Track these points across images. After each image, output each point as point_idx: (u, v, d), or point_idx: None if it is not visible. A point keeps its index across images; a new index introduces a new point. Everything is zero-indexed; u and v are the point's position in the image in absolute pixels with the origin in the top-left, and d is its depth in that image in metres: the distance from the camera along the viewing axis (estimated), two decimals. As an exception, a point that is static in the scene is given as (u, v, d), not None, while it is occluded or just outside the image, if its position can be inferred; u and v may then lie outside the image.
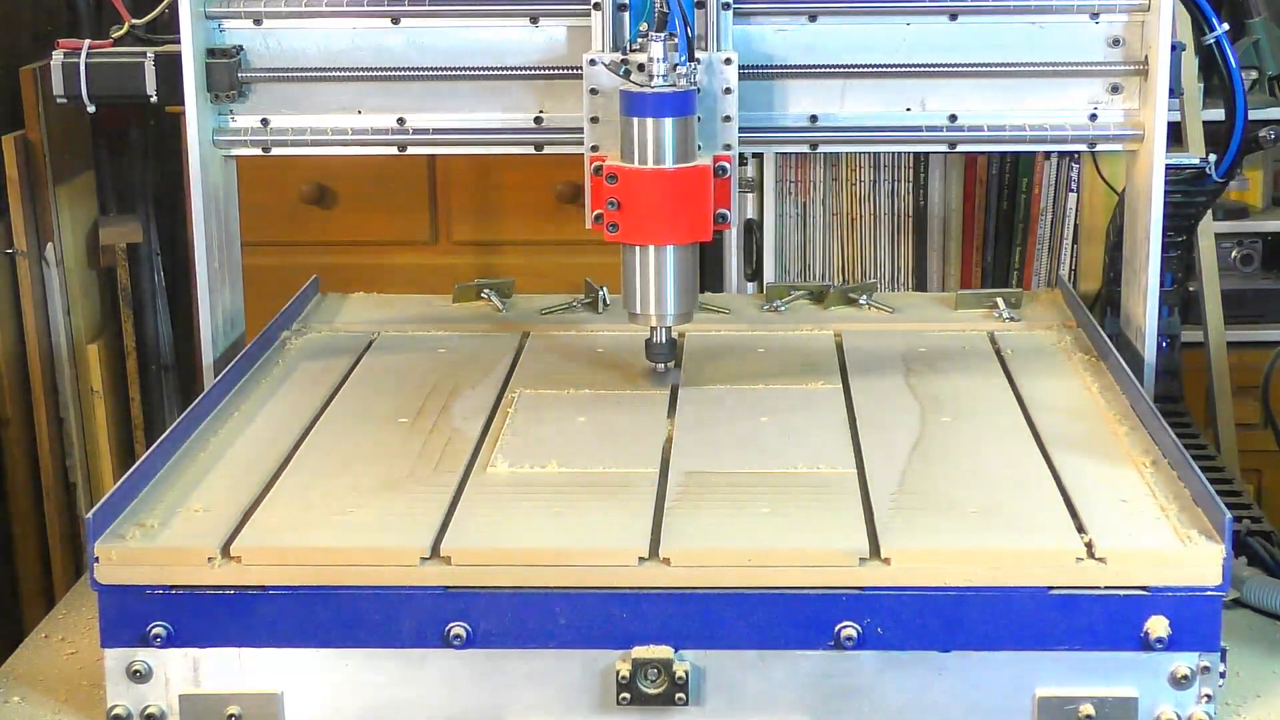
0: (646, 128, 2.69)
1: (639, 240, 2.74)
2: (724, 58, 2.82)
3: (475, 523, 2.32)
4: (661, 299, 2.78)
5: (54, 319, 4.00)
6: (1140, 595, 2.19)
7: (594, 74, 2.81)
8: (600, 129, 2.82)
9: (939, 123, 2.95)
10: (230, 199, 3.06)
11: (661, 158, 2.69)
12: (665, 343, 2.85)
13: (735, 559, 2.21)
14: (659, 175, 2.70)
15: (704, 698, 2.22)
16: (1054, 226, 4.18)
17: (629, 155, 2.70)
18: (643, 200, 2.71)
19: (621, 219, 2.71)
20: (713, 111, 2.82)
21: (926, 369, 2.92)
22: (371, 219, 4.24)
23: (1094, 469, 2.47)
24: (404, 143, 3.00)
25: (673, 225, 2.73)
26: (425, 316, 3.25)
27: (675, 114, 2.68)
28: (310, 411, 2.75)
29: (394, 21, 2.96)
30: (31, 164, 3.93)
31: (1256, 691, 2.34)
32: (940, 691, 2.22)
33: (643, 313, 2.80)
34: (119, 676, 2.24)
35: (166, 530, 2.31)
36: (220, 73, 2.94)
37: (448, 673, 2.23)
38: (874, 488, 2.40)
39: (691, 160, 2.71)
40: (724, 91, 2.82)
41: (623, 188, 2.70)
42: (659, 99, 2.68)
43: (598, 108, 2.82)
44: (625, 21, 2.81)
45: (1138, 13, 2.90)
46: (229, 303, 3.05)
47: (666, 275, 2.77)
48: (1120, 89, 2.93)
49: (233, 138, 3.00)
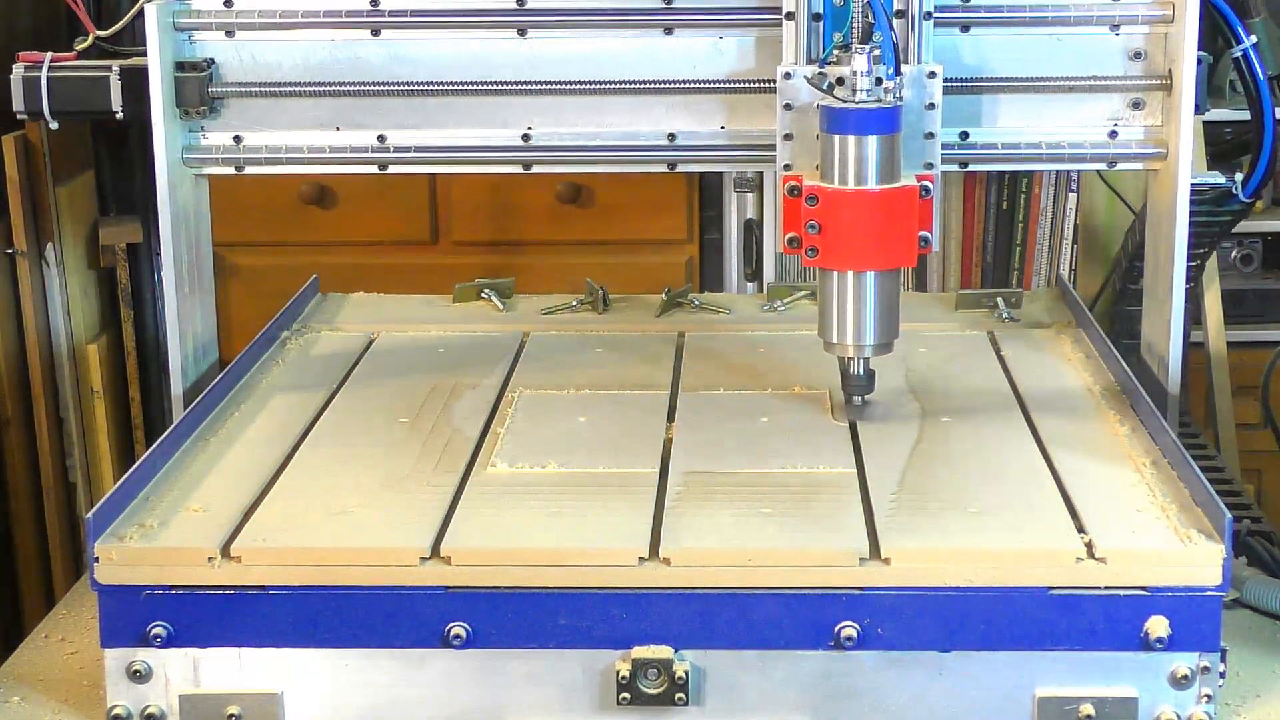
0: (848, 146, 2.54)
1: (842, 265, 2.58)
2: (928, 70, 2.67)
3: (475, 523, 2.32)
4: (860, 328, 2.62)
5: (54, 319, 4.00)
6: (1140, 595, 2.19)
7: (790, 88, 2.67)
8: (794, 146, 2.68)
9: (949, 140, 2.79)
10: (201, 219, 2.93)
11: (865, 178, 2.54)
12: (864, 374, 2.68)
13: (735, 559, 2.21)
14: (863, 197, 2.54)
15: (704, 698, 2.22)
16: (1054, 226, 4.18)
17: (830, 175, 2.55)
18: (846, 223, 2.55)
19: (823, 243, 2.56)
20: (915, 128, 2.66)
21: (926, 369, 2.92)
22: (371, 219, 4.24)
23: (1094, 469, 2.47)
24: (385, 161, 2.87)
25: (878, 249, 2.57)
26: (425, 316, 3.25)
27: (881, 131, 2.53)
28: (310, 411, 2.75)
29: (374, 33, 2.82)
30: (31, 164, 3.93)
31: (1256, 691, 2.34)
32: (940, 691, 2.22)
33: (840, 342, 2.64)
34: (119, 676, 2.24)
35: (166, 530, 2.31)
36: (190, 87, 2.80)
37: (448, 673, 2.23)
38: (874, 488, 2.40)
39: (896, 180, 2.56)
40: (927, 107, 2.68)
41: (824, 209, 2.55)
42: (864, 115, 2.53)
43: (791, 124, 2.68)
44: (819, 31, 2.68)
45: (1160, 24, 2.76)
46: (201, 330, 2.91)
47: (867, 302, 2.61)
48: (1142, 104, 2.80)
49: (203, 156, 2.86)
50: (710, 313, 3.25)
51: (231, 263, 4.25)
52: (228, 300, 4.24)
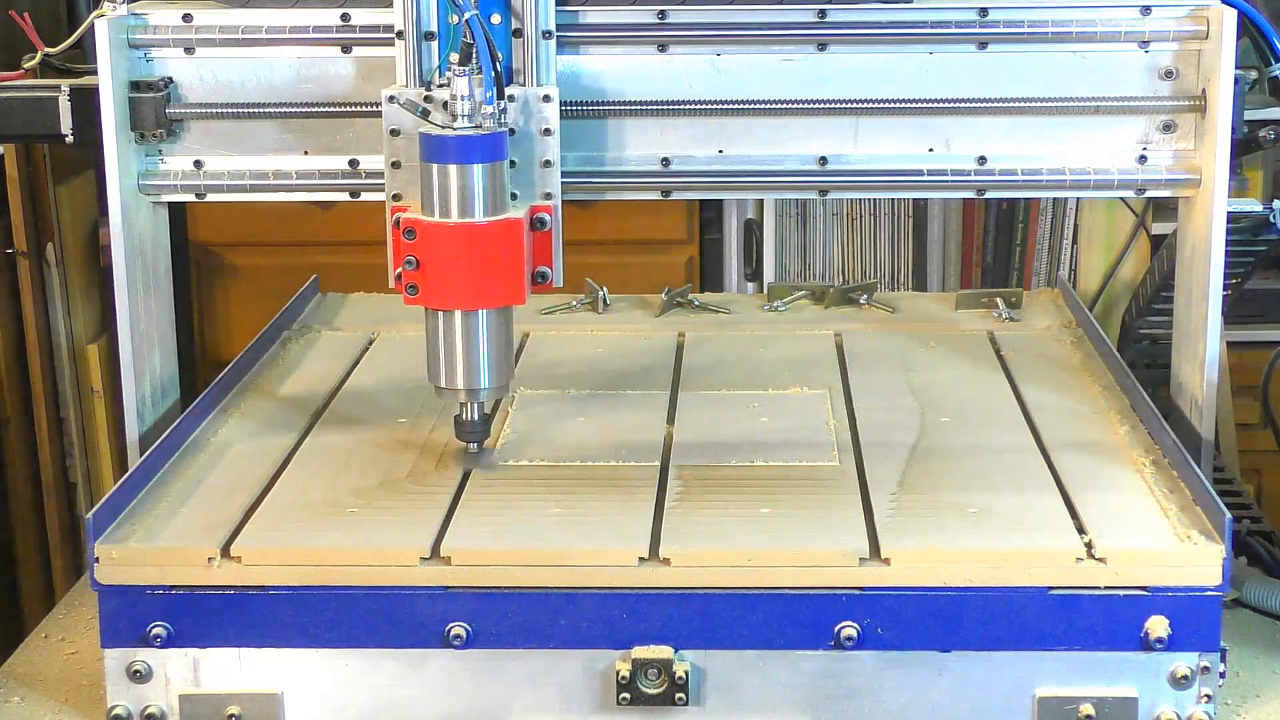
0: (449, 175, 2.36)
1: (444, 304, 2.41)
2: (542, 94, 2.48)
3: (475, 523, 2.32)
4: (472, 371, 2.45)
5: (54, 319, 4.00)
6: (1140, 595, 2.19)
7: (393, 112, 2.47)
8: (403, 175, 2.48)
9: (966, 166, 2.61)
10: (160, 250, 2.70)
11: (469, 209, 2.36)
12: (478, 420, 2.52)
13: (735, 559, 2.21)
14: (463, 230, 2.36)
15: (704, 698, 2.22)
16: (1054, 226, 4.18)
17: (430, 207, 2.37)
18: (446, 259, 2.37)
19: (422, 280, 2.39)
20: (530, 155, 2.48)
21: (926, 369, 2.92)
22: (371, 219, 4.22)
23: (1094, 469, 2.47)
24: (357, 189, 2.66)
25: (481, 287, 2.39)
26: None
27: (483, 159, 2.36)
28: (310, 411, 2.75)
29: (344, 50, 2.61)
30: (31, 164, 3.93)
31: (1256, 691, 2.34)
32: (940, 691, 2.22)
33: (449, 386, 2.46)
34: (119, 676, 2.24)
35: (166, 530, 2.31)
36: (146, 109, 2.58)
37: (448, 673, 2.23)
38: (874, 488, 2.40)
39: (504, 212, 2.39)
40: (543, 133, 2.48)
41: (423, 244, 2.37)
42: (463, 142, 2.35)
43: (399, 151, 2.48)
44: (433, 51, 2.48)
45: (1193, 41, 2.56)
46: (160, 368, 2.70)
47: (478, 344, 2.44)
48: (1173, 127, 2.60)
49: (161, 182, 2.64)
50: (710, 313, 3.25)
51: (231, 263, 4.25)
52: (228, 300, 4.25)
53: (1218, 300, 2.57)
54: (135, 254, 2.63)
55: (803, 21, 2.58)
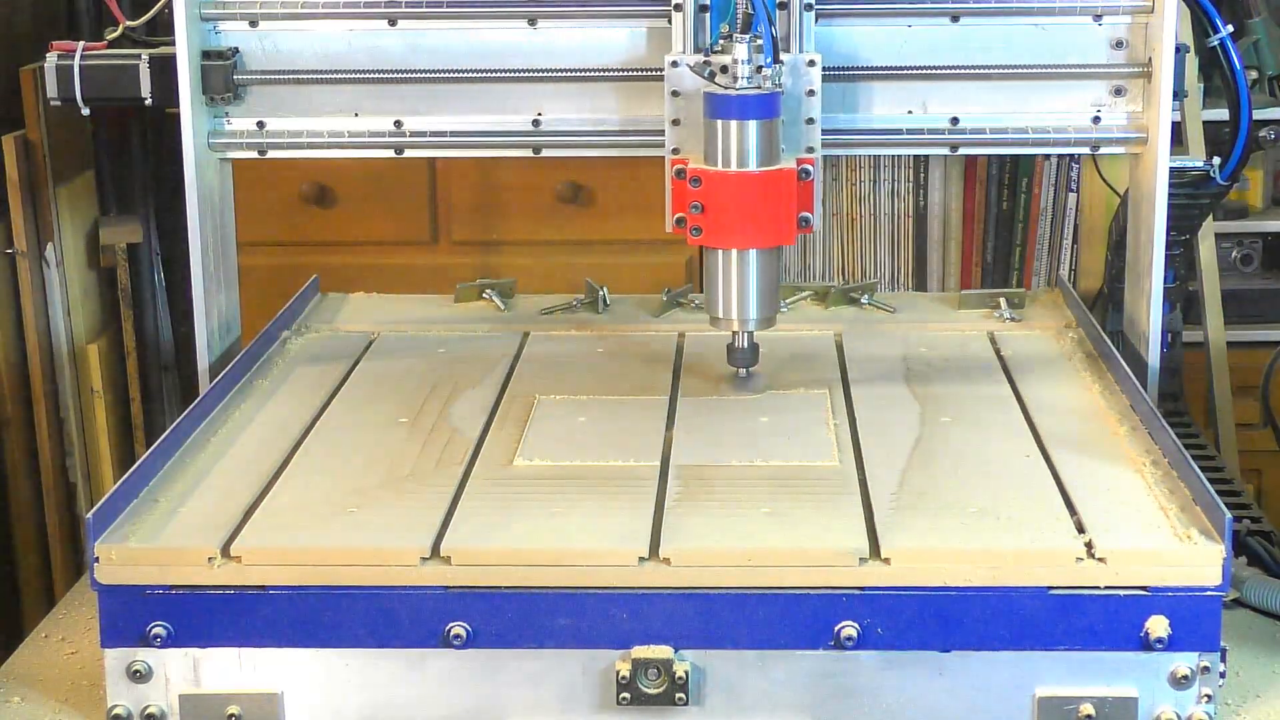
0: (731, 130, 2.67)
1: (724, 244, 2.73)
2: (807, 59, 2.81)
3: (475, 523, 2.32)
4: (744, 303, 2.76)
5: (54, 319, 3.99)
6: (1140, 595, 2.19)
7: (676, 75, 2.80)
8: (681, 131, 2.80)
9: (941, 126, 2.93)
10: (226, 202, 3.04)
11: (746, 161, 2.68)
12: (748, 347, 2.83)
13: (735, 559, 2.21)
14: (744, 178, 2.68)
15: (704, 698, 2.22)
16: (1054, 226, 4.18)
17: (713, 158, 2.69)
18: (727, 203, 2.69)
19: (705, 222, 2.70)
20: (795, 114, 2.80)
21: (926, 369, 2.92)
22: (371, 219, 4.23)
23: (1094, 469, 2.47)
24: (401, 145, 2.98)
25: (757, 228, 2.71)
26: (425, 316, 3.25)
27: (761, 116, 2.67)
28: (310, 411, 2.75)
29: (391, 23, 2.94)
30: (31, 164, 3.92)
31: (1256, 691, 2.34)
32: (940, 691, 2.22)
33: (725, 317, 2.78)
34: (119, 676, 2.24)
35: (166, 530, 2.31)
36: (215, 75, 2.92)
37: (448, 673, 2.23)
38: (874, 488, 2.40)
39: (776, 163, 2.69)
40: (807, 94, 2.81)
41: (707, 191, 2.68)
42: (744, 101, 2.66)
43: (679, 110, 2.80)
44: (706, 22, 2.80)
45: (1141, 14, 2.88)
46: (225, 306, 3.04)
47: (750, 279, 2.75)
48: (1124, 91, 2.91)
49: (228, 140, 2.98)
50: (710, 313, 3.25)
51: (232, 263, 4.24)
52: (228, 300, 4.24)
53: (1163, 241, 2.85)
54: (206, 204, 2.95)
55: (803, 0, 2.86)
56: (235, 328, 3.09)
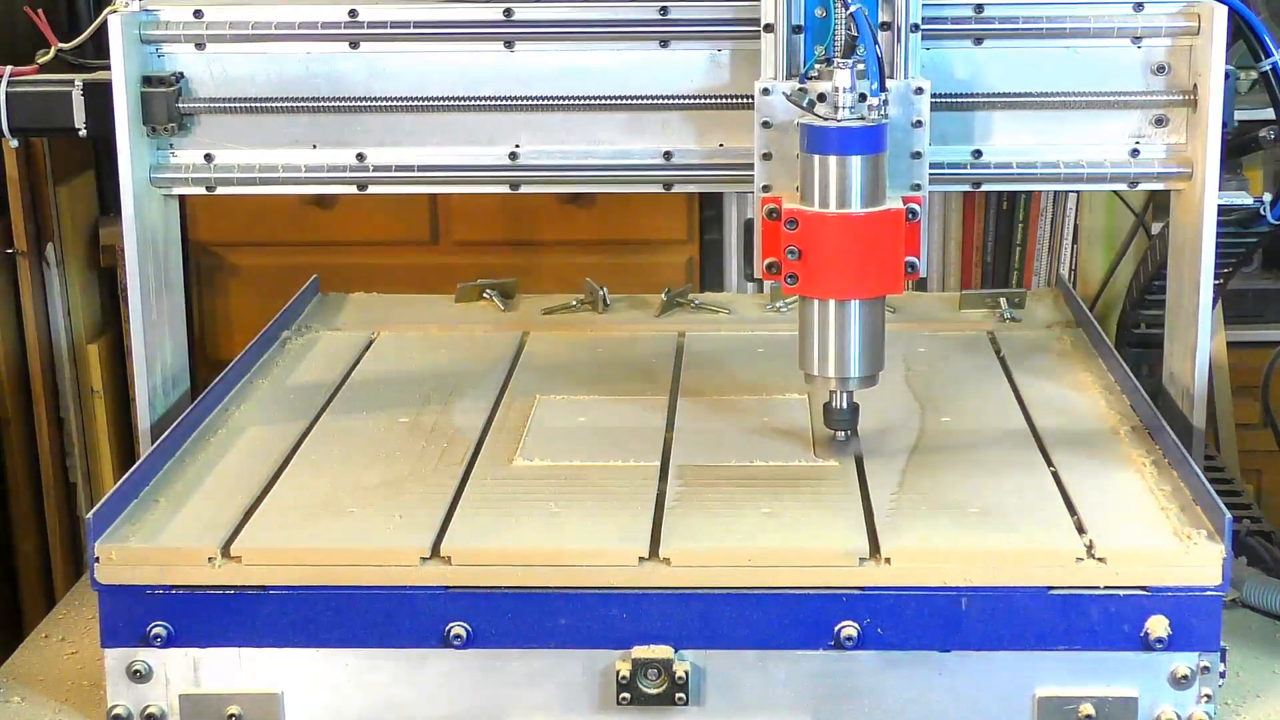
0: (830, 166, 2.38)
1: (823, 294, 2.43)
2: (914, 86, 2.51)
3: (475, 523, 2.32)
4: (844, 360, 2.47)
5: (54, 319, 4.00)
6: (1140, 595, 2.19)
7: (768, 105, 2.49)
8: (774, 166, 2.51)
9: (961, 160, 2.65)
10: (171, 242, 2.74)
11: (848, 200, 2.39)
12: (848, 408, 2.54)
13: (735, 559, 2.21)
14: (846, 221, 2.39)
15: (704, 698, 2.22)
16: (1054, 226, 4.17)
17: (810, 197, 2.40)
18: (828, 248, 2.40)
19: (803, 269, 2.41)
20: (901, 146, 2.50)
21: (926, 369, 2.92)
22: (371, 219, 4.23)
23: (1094, 469, 2.47)
24: (364, 180, 2.70)
25: (861, 277, 2.42)
26: (425, 316, 3.25)
27: (865, 151, 2.38)
28: (310, 411, 2.75)
29: (353, 45, 2.65)
30: (31, 164, 3.92)
31: (1256, 691, 2.34)
32: (940, 691, 2.22)
33: (821, 374, 2.49)
34: (119, 676, 2.24)
35: (166, 530, 2.31)
36: (158, 103, 2.62)
37: (448, 673, 2.23)
38: (874, 488, 2.40)
39: (881, 203, 2.41)
40: (914, 124, 2.51)
41: (804, 234, 2.40)
42: (847, 134, 2.38)
43: (770, 142, 2.51)
44: (800, 46, 2.51)
45: (1185, 36, 2.60)
46: (170, 358, 2.74)
47: (851, 332, 2.46)
48: (1165, 121, 2.63)
49: (173, 175, 2.69)
50: (710, 313, 3.25)
51: (231, 263, 4.24)
52: (228, 300, 4.24)
53: (1209, 292, 2.59)
54: (147, 246, 2.66)
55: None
56: (183, 381, 2.79)
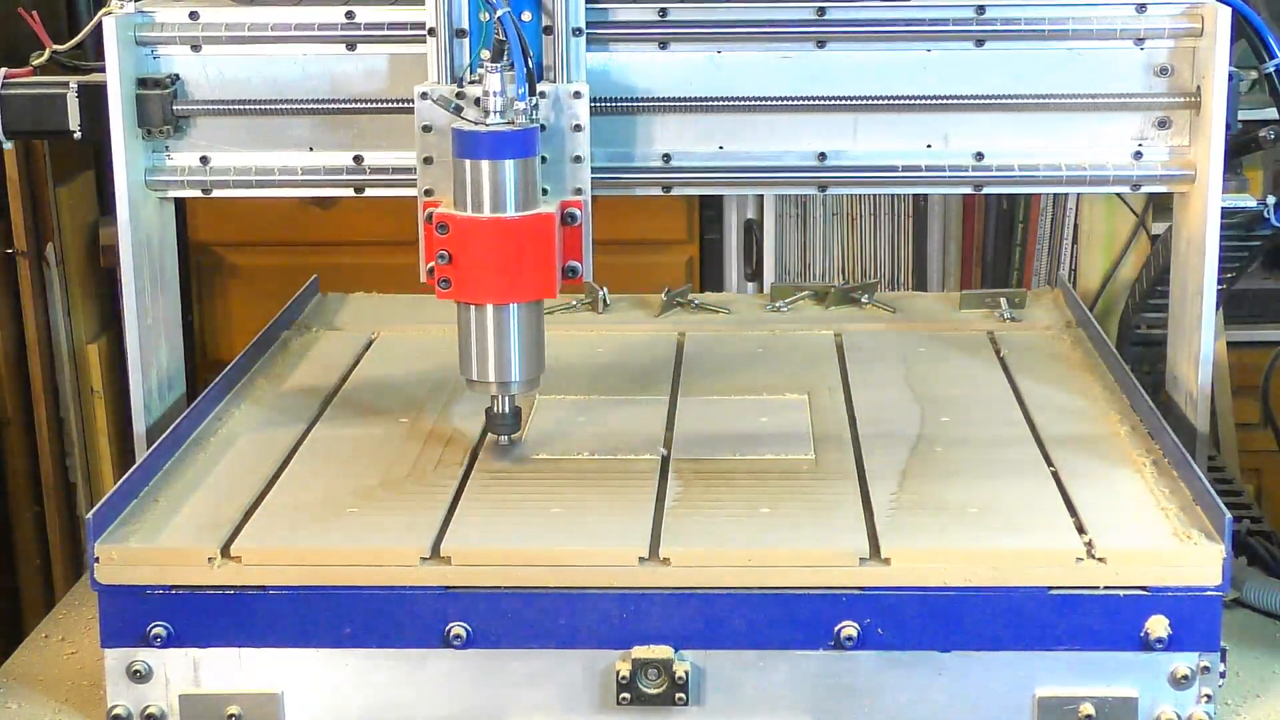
0: (482, 170, 2.38)
1: (475, 298, 2.43)
2: (573, 90, 2.51)
3: (475, 523, 2.32)
4: (503, 364, 2.48)
5: (54, 319, 4.00)
6: (1140, 595, 2.19)
7: (425, 109, 2.50)
8: (434, 171, 2.50)
9: (963, 161, 2.63)
10: (166, 245, 2.74)
11: (500, 204, 2.39)
12: (509, 413, 2.55)
13: (735, 559, 2.21)
14: (496, 225, 2.39)
15: (704, 698, 2.22)
16: (1054, 226, 4.18)
17: (463, 202, 2.40)
18: (479, 253, 2.40)
19: (455, 274, 2.41)
20: (561, 151, 2.51)
21: (926, 369, 2.92)
22: (371, 219, 4.24)
23: (1094, 469, 2.47)
24: (361, 184, 2.68)
25: (514, 281, 2.42)
26: (425, 316, 3.24)
27: (514, 155, 2.38)
28: (310, 411, 2.75)
29: (349, 47, 2.64)
30: (31, 164, 3.93)
31: (1256, 691, 2.34)
32: (940, 691, 2.22)
33: (480, 379, 2.49)
34: (119, 676, 2.24)
35: (166, 530, 2.31)
36: (153, 105, 2.61)
37: (448, 673, 2.23)
38: (874, 488, 2.40)
39: (535, 207, 2.41)
40: (573, 129, 2.51)
41: (456, 238, 2.39)
42: (496, 138, 2.37)
43: (430, 147, 2.51)
44: (465, 48, 2.50)
45: (1188, 38, 2.58)
46: (166, 362, 2.73)
47: (509, 337, 2.46)
48: (1168, 123, 2.61)
49: (168, 178, 2.67)
50: (710, 313, 3.25)
51: (231, 263, 4.25)
52: (228, 300, 4.25)
53: (1212, 295, 2.58)
54: (142, 249, 2.65)
55: (802, 19, 2.60)
56: (179, 383, 2.79)
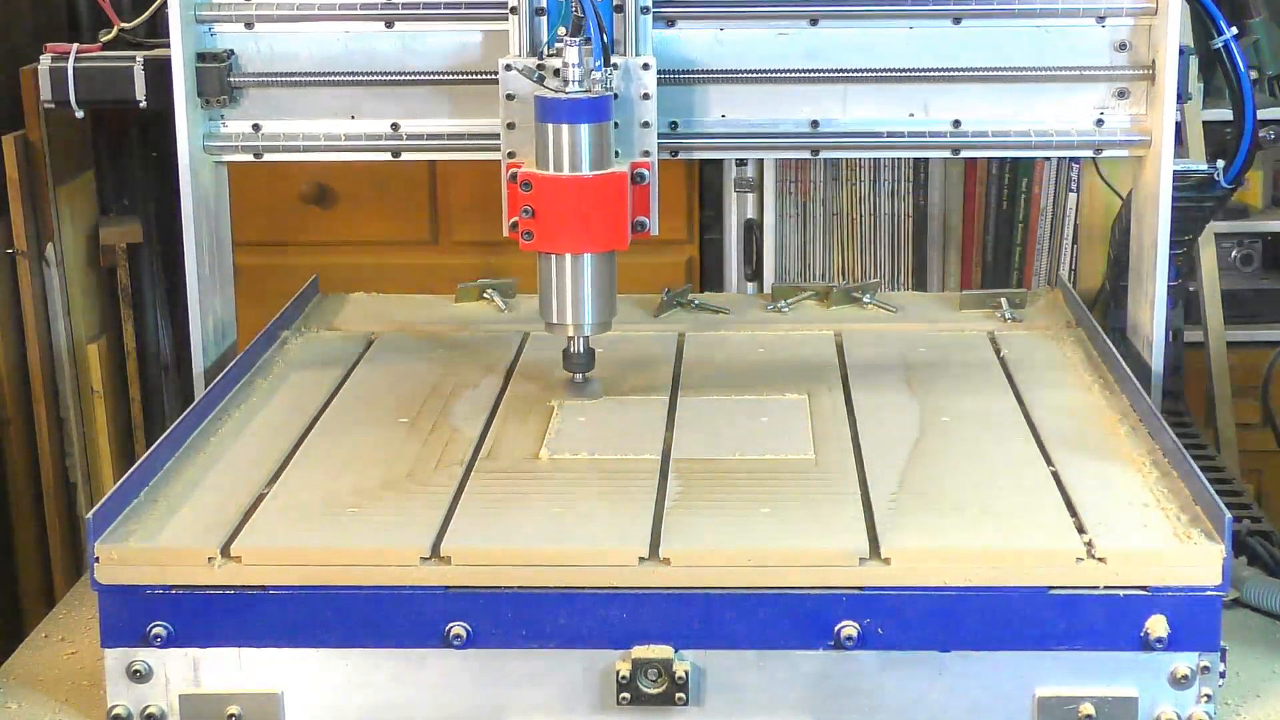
0: (562, 134, 2.66)
1: (554, 248, 2.71)
2: (641, 63, 2.79)
3: (475, 523, 2.32)
4: (579, 308, 2.75)
5: (54, 319, 3.99)
6: (1140, 595, 2.19)
7: (509, 79, 2.77)
8: (517, 135, 2.78)
9: (942, 128, 2.92)
10: (221, 205, 3.04)
11: (578, 165, 2.67)
12: (583, 352, 2.80)
13: (735, 559, 2.21)
14: (574, 183, 2.67)
15: (704, 698, 2.22)
16: (1054, 226, 4.18)
17: (544, 162, 2.68)
18: (558, 208, 2.68)
19: (536, 227, 2.69)
20: (631, 118, 2.79)
21: (926, 369, 2.92)
22: (371, 219, 4.24)
23: (1094, 469, 2.47)
24: (398, 148, 2.98)
25: (588, 233, 2.71)
26: (425, 316, 3.25)
27: (590, 120, 2.66)
28: (310, 411, 2.75)
29: (387, 25, 2.93)
30: (31, 164, 3.92)
31: (1256, 691, 2.34)
32: (940, 691, 2.22)
33: (559, 321, 2.76)
34: (119, 676, 2.24)
35: (166, 530, 2.31)
36: (210, 77, 2.92)
37: (448, 673, 2.23)
38: (874, 488, 2.40)
39: (608, 167, 2.69)
40: (642, 97, 2.79)
41: (538, 195, 2.67)
42: (574, 104, 2.65)
43: (514, 113, 2.78)
44: (543, 25, 2.77)
45: (1145, 16, 2.87)
46: (220, 310, 3.03)
47: (584, 283, 2.74)
48: (1127, 94, 2.90)
49: (224, 143, 2.98)
50: (710, 313, 3.25)
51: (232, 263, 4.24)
52: (228, 300, 4.24)
53: (1165, 247, 2.85)
54: (200, 207, 2.94)
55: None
56: (231, 331, 3.08)
